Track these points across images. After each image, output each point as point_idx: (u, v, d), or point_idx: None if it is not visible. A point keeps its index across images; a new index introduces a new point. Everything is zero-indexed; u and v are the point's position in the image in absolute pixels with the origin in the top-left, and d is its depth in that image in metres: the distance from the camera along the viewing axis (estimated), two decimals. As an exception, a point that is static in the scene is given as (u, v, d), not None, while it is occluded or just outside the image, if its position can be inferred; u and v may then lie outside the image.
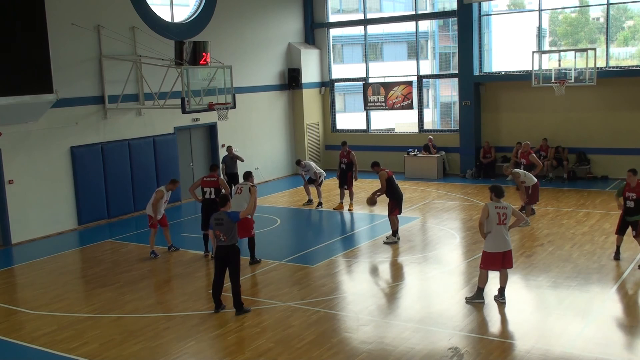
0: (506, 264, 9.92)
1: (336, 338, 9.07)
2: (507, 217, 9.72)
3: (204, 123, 19.80)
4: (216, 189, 13.08)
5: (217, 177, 13.37)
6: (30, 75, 13.84)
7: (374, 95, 22.99)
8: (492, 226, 9.72)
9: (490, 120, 21.47)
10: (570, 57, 19.22)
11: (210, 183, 13.19)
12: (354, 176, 17.23)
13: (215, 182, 13.19)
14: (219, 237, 9.85)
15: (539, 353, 8.29)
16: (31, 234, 15.56)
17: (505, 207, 9.75)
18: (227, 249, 9.87)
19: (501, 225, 9.70)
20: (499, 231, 9.72)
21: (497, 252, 9.80)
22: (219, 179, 13.30)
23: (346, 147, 17.44)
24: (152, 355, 8.78)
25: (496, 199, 9.82)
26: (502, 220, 9.69)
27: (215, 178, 13.27)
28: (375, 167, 14.06)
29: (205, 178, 13.39)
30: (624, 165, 19.45)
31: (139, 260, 13.50)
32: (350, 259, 12.97)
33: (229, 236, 9.83)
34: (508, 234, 9.84)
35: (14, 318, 10.52)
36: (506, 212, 9.72)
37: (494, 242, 9.76)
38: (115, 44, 17.06)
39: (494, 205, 9.76)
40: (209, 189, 13.13)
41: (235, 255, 9.93)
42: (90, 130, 16.75)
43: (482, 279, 10.03)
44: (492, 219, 9.69)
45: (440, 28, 24.43)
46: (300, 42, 23.48)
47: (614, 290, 10.46)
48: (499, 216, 9.67)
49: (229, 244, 9.86)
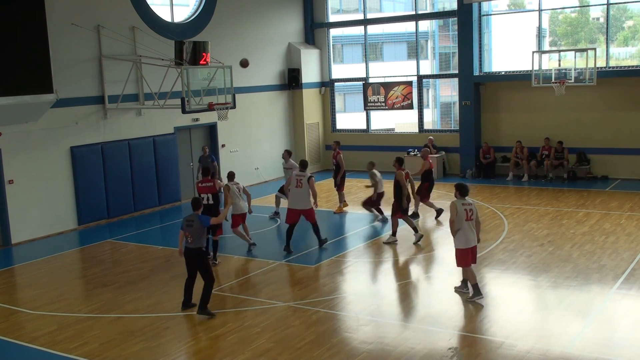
0: (473, 259, 10.23)
1: (336, 338, 9.07)
2: (473, 213, 10.07)
3: (204, 123, 19.80)
4: (214, 194, 12.61)
5: (213, 180, 12.76)
6: (30, 75, 13.84)
7: (374, 95, 22.99)
8: (462, 223, 10.00)
9: (490, 120, 21.46)
10: (570, 57, 19.22)
11: (206, 189, 12.63)
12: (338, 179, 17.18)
13: (211, 187, 12.63)
14: (187, 239, 9.94)
15: (539, 353, 8.29)
16: (31, 234, 15.56)
17: (471, 204, 10.12)
18: (194, 252, 9.94)
19: (469, 221, 10.04)
20: (466, 227, 10.02)
21: (467, 248, 10.09)
22: (215, 182, 12.73)
23: (336, 147, 17.47)
24: (152, 355, 8.78)
25: (461, 197, 10.11)
26: (470, 216, 10.04)
27: (210, 183, 12.67)
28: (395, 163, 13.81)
29: (200, 184, 12.84)
30: (624, 165, 19.58)
31: (139, 260, 13.51)
32: (350, 259, 12.97)
33: (195, 239, 9.88)
34: (474, 230, 10.13)
35: (14, 318, 10.52)
36: (472, 207, 10.08)
37: (465, 238, 10.07)
38: (115, 44, 17.06)
39: (460, 202, 10.06)
40: (206, 195, 12.59)
41: (202, 259, 10.00)
42: (90, 130, 16.75)
43: (470, 276, 10.25)
44: (461, 216, 9.98)
45: (440, 28, 24.43)
46: (300, 42, 23.48)
47: (614, 290, 10.46)
48: (467, 212, 10.00)
49: (195, 247, 9.92)
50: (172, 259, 13.31)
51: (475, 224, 10.13)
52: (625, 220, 14.76)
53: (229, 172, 13.67)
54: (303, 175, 13.35)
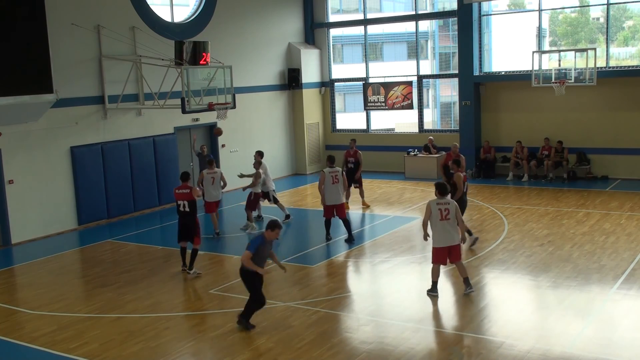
0: (452, 258, 10.34)
1: (336, 338, 9.07)
2: (450, 212, 10.14)
3: (204, 123, 19.79)
4: (189, 202, 11.95)
5: (191, 187, 12.12)
6: (30, 75, 13.83)
7: (374, 95, 22.99)
8: (435, 222, 10.17)
9: (490, 120, 21.47)
10: (570, 57, 19.22)
11: (182, 195, 11.99)
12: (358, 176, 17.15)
13: (188, 194, 11.95)
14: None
15: (539, 353, 8.29)
16: (31, 234, 15.56)
17: (448, 203, 10.23)
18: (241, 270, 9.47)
19: (444, 220, 10.13)
20: (442, 227, 10.15)
21: (443, 247, 10.22)
22: (193, 190, 12.04)
23: (354, 146, 17.35)
24: (152, 355, 8.78)
25: (440, 196, 10.26)
26: (445, 216, 10.12)
27: (187, 190, 12.01)
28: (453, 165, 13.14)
29: (177, 190, 12.15)
30: (624, 165, 19.59)
31: (139, 260, 13.51)
32: (350, 259, 12.97)
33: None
34: (455, 229, 10.22)
35: (14, 318, 10.52)
36: (448, 207, 10.17)
37: (439, 237, 10.24)
38: (115, 44, 17.06)
39: (435, 202, 10.24)
40: (182, 202, 11.98)
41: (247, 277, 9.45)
42: (90, 130, 16.75)
43: (433, 273, 10.47)
44: (435, 216, 10.16)
45: (440, 28, 24.44)
46: (300, 42, 23.48)
47: (614, 290, 10.46)
48: (441, 212, 10.13)
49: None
50: (172, 259, 13.32)
51: (458, 222, 10.23)
52: (626, 220, 14.76)
53: (208, 159, 15.14)
54: (337, 170, 13.89)
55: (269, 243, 9.36)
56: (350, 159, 17.17)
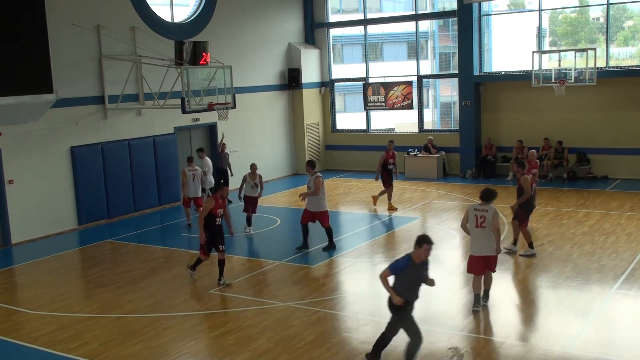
0: (488, 267, 9.76)
1: (336, 338, 9.08)
2: (486, 220, 9.51)
3: (204, 123, 19.80)
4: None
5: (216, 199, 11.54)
6: (30, 75, 13.83)
7: (374, 95, 22.99)
8: (471, 229, 9.70)
9: (490, 120, 21.46)
10: (570, 57, 19.23)
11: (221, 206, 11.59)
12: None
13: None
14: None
15: (539, 353, 8.29)
16: (31, 234, 15.56)
17: (486, 211, 9.56)
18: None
19: (479, 227, 9.56)
20: (476, 234, 9.64)
21: (477, 256, 9.68)
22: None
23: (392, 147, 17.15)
24: (152, 355, 8.79)
25: (482, 202, 9.69)
26: (480, 224, 9.55)
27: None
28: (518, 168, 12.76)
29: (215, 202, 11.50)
30: (624, 165, 19.59)
31: (139, 260, 13.51)
32: (350, 259, 12.97)
33: None
34: (490, 238, 9.55)
35: (14, 318, 10.52)
36: (485, 215, 9.53)
37: (473, 245, 9.74)
38: (115, 44, 17.06)
39: (473, 207, 9.71)
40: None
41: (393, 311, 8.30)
42: (90, 130, 16.75)
43: (474, 286, 9.85)
44: (471, 222, 9.68)
45: (440, 28, 24.44)
46: (300, 42, 23.48)
47: (614, 290, 10.46)
48: (477, 219, 9.58)
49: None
50: (172, 259, 13.32)
51: (494, 232, 9.52)
52: (626, 220, 14.76)
53: (188, 157, 16.09)
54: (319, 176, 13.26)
55: (418, 265, 7.65)
56: (391, 160, 16.94)
